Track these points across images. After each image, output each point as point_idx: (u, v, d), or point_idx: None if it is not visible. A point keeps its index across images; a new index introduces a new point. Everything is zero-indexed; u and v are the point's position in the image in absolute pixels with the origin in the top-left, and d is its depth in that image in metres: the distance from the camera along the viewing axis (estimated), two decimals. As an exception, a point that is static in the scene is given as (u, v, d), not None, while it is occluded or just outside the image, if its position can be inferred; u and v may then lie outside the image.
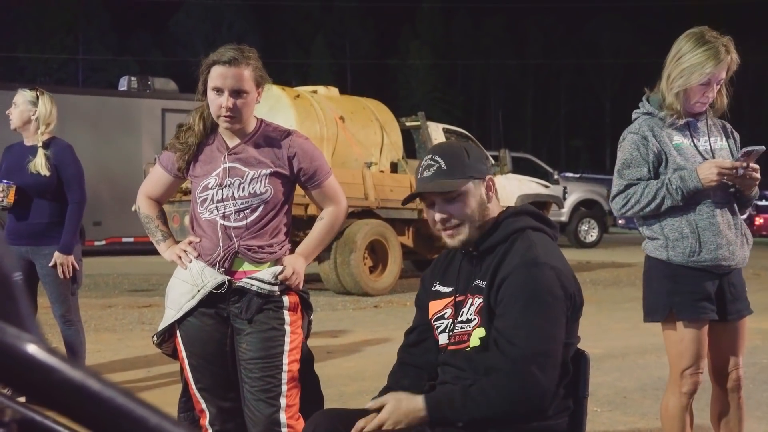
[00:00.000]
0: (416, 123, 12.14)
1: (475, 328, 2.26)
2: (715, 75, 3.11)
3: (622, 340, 7.15)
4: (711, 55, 3.08)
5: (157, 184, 3.08)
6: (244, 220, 2.86)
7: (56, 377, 0.58)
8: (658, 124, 3.19)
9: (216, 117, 2.85)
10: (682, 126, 3.20)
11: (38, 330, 0.60)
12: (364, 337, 7.32)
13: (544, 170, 18.67)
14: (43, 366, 0.58)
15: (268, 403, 2.81)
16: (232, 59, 2.80)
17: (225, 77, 2.79)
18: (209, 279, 2.86)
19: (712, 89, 3.15)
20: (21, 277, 0.76)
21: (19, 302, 0.61)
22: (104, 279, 12.02)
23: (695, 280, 3.13)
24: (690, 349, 3.15)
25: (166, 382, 5.40)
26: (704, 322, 3.16)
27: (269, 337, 2.85)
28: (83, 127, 14.72)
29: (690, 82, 3.11)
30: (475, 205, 2.31)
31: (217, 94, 2.81)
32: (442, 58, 56.58)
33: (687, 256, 3.12)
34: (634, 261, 15.40)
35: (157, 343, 3.03)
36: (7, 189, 4.60)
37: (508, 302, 2.18)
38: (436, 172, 2.30)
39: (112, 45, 54.52)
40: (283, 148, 2.91)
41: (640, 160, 3.18)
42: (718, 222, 3.13)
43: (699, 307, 3.13)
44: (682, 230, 3.14)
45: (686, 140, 3.20)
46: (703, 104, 3.19)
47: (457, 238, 2.31)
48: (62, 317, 4.79)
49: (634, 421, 4.60)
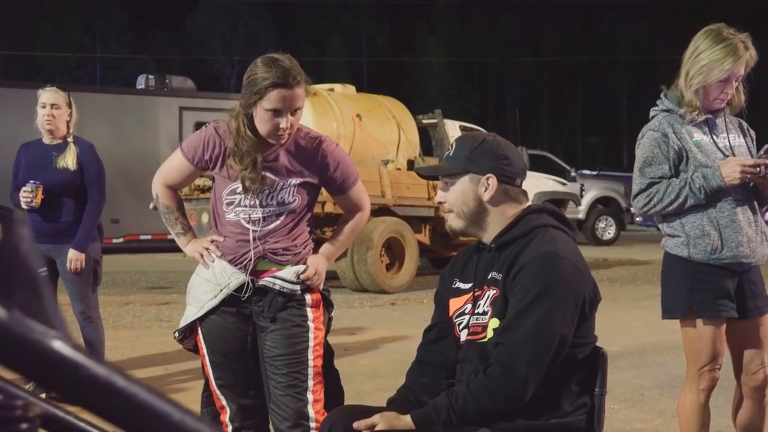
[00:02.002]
0: (433, 120, 12.14)
1: (490, 318, 2.26)
2: (734, 71, 3.10)
3: (639, 337, 7.13)
4: (730, 52, 3.08)
5: (178, 174, 3.00)
6: (270, 224, 2.87)
7: (82, 373, 0.59)
8: (678, 121, 3.18)
9: (268, 135, 2.77)
10: (701, 123, 3.19)
11: (64, 326, 0.61)
12: (381, 335, 7.33)
13: (561, 167, 18.61)
14: (69, 362, 0.59)
15: (296, 398, 2.83)
16: (293, 82, 2.71)
17: (285, 100, 2.71)
18: (232, 279, 2.87)
19: (731, 86, 3.14)
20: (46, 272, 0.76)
21: (45, 299, 0.62)
22: (122, 276, 12.09)
23: (716, 277, 3.13)
24: (708, 346, 3.15)
25: (184, 379, 5.43)
26: (723, 320, 3.16)
27: (293, 334, 2.86)
28: (101, 125, 14.80)
29: (709, 78, 3.10)
30: (464, 197, 2.34)
31: (273, 114, 2.72)
32: (458, 56, 56.47)
33: (708, 254, 3.12)
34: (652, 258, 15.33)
35: (179, 339, 3.05)
36: (36, 189, 4.58)
37: (521, 291, 2.18)
38: (445, 157, 2.41)
39: (129, 43, 54.78)
40: (314, 157, 2.90)
41: (661, 158, 3.18)
42: (739, 219, 3.13)
43: (719, 305, 3.13)
44: (703, 228, 3.13)
45: (706, 137, 3.19)
46: (722, 101, 3.18)
47: (448, 223, 2.41)
48: (82, 314, 4.82)
49: (651, 419, 4.59)
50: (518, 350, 2.14)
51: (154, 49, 53.54)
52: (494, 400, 2.14)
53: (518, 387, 2.13)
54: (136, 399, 0.61)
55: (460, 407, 2.14)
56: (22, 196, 4.59)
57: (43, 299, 0.61)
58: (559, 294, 2.17)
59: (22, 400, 0.70)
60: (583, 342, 2.27)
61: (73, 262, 4.66)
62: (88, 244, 4.74)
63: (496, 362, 2.16)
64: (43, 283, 0.62)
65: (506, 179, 2.35)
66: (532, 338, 2.14)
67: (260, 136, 2.81)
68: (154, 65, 46.60)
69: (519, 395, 2.14)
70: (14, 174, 4.82)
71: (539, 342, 2.14)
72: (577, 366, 2.28)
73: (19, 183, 4.72)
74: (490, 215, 2.35)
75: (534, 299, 2.16)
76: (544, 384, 2.19)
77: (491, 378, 2.15)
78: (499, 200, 2.34)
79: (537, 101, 61.17)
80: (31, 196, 4.58)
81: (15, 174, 4.81)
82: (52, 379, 0.59)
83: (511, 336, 2.16)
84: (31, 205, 4.59)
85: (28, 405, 0.70)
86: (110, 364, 0.61)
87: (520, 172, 2.39)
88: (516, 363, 2.13)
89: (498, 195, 2.33)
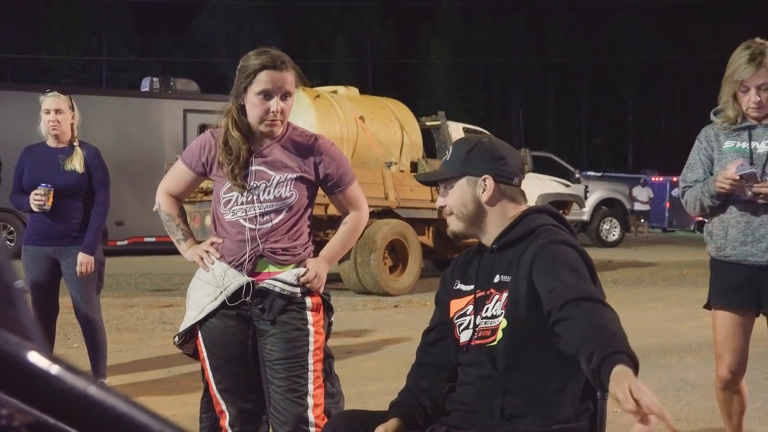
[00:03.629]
0: (436, 122, 12.14)
1: (501, 323, 2.25)
2: (748, 81, 3.27)
3: (643, 340, 7.11)
4: (744, 63, 3.27)
5: (179, 182, 3.05)
6: (268, 222, 2.86)
7: (58, 386, 0.58)
8: (714, 129, 3.46)
9: (259, 121, 2.80)
10: (740, 131, 3.39)
11: (40, 338, 0.60)
12: (384, 337, 7.32)
13: (565, 169, 18.59)
14: (45, 374, 0.58)
15: (296, 402, 2.82)
16: (281, 63, 2.77)
17: (275, 81, 2.76)
18: (232, 280, 2.87)
19: (756, 95, 3.28)
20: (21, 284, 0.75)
21: (21, 310, 0.61)
22: (126, 279, 12.10)
23: (727, 273, 3.42)
24: (721, 336, 3.45)
25: (187, 382, 5.43)
26: (739, 313, 3.42)
27: (293, 338, 2.85)
28: (106, 128, 14.83)
29: (732, 89, 3.33)
30: (462, 200, 2.34)
31: (264, 98, 2.77)
32: (463, 57, 56.47)
33: (717, 251, 3.44)
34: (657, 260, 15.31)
35: (179, 344, 3.04)
36: (48, 192, 4.58)
37: (548, 271, 2.11)
38: (444, 161, 2.41)
39: (135, 46, 54.93)
40: (309, 154, 2.90)
41: (698, 164, 3.48)
42: (747, 220, 3.33)
43: (728, 298, 3.42)
44: (715, 228, 3.44)
45: (743, 144, 3.37)
46: (755, 109, 3.32)
47: (450, 227, 2.41)
48: (85, 317, 4.83)
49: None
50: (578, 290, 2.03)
51: (160, 52, 53.67)
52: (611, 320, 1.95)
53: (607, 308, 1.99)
54: (114, 411, 0.60)
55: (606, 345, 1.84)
56: (35, 199, 4.57)
57: (18, 310, 0.60)
58: (578, 266, 2.13)
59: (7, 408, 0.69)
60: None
61: (83, 266, 4.67)
62: (97, 247, 4.76)
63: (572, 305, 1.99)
64: (18, 295, 0.61)
65: (503, 179, 2.34)
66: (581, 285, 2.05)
67: (250, 132, 2.85)
68: (159, 68, 46.72)
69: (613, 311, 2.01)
70: (16, 176, 4.80)
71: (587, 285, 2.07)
72: (580, 371, 2.26)
73: (25, 185, 4.71)
74: (489, 216, 2.34)
75: (564, 267, 2.10)
76: (547, 389, 2.18)
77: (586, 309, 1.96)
78: (497, 200, 2.34)
79: (542, 102, 61.13)
80: (43, 199, 4.57)
81: (18, 177, 4.79)
82: (28, 392, 0.58)
83: (564, 289, 2.04)
84: (43, 208, 4.59)
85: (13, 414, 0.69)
86: (88, 375, 0.60)
87: (516, 171, 2.38)
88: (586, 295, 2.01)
89: (496, 195, 2.33)
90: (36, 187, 4.60)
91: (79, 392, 0.59)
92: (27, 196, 4.67)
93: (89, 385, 0.59)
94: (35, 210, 4.61)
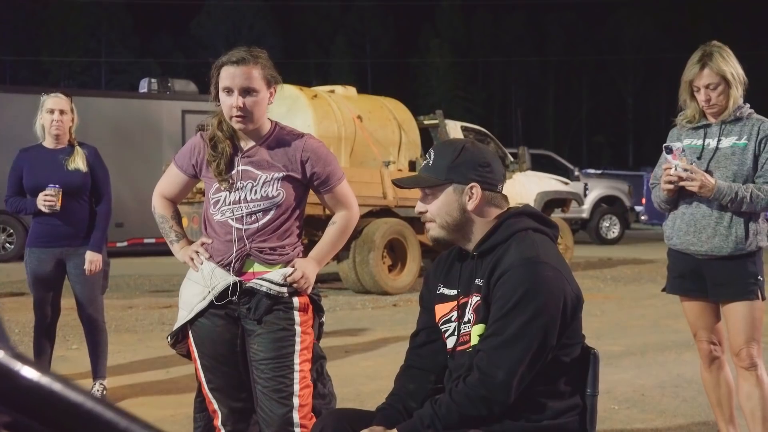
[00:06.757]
0: (434, 121, 12.13)
1: (473, 325, 2.25)
2: (696, 81, 3.50)
3: (641, 337, 7.11)
4: (691, 64, 3.52)
5: (172, 184, 3.09)
6: (256, 222, 2.87)
7: (23, 383, 0.59)
8: (677, 129, 3.71)
9: (228, 118, 2.85)
10: (698, 129, 3.60)
11: (5, 336, 0.61)
12: (383, 336, 7.32)
13: (565, 167, 18.58)
14: (9, 372, 0.59)
15: (281, 403, 2.82)
16: (240, 59, 2.81)
17: (234, 76, 2.80)
18: (219, 280, 2.88)
19: (706, 94, 3.49)
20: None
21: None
22: (125, 280, 12.10)
23: (676, 261, 3.67)
24: (695, 318, 3.68)
25: (186, 383, 5.43)
26: (692, 298, 3.65)
27: (280, 338, 2.85)
28: (105, 129, 14.83)
29: (687, 90, 3.56)
30: (447, 208, 2.30)
31: (227, 94, 2.81)
32: (463, 56, 56.45)
33: (667, 240, 3.69)
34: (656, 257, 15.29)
35: (172, 344, 3.06)
36: (58, 192, 4.55)
37: (502, 298, 2.16)
38: (424, 167, 2.36)
39: (134, 48, 54.96)
40: (296, 152, 2.91)
41: (663, 162, 3.63)
42: (694, 213, 3.52)
43: (677, 284, 3.69)
44: (668, 218, 3.68)
45: (698, 141, 3.59)
46: (707, 108, 3.54)
47: (430, 233, 2.37)
48: (89, 317, 4.83)
49: (652, 419, 4.57)
50: (496, 357, 2.13)
51: (159, 53, 53.68)
52: (475, 407, 2.14)
53: (497, 393, 2.13)
54: (80, 408, 0.61)
55: (444, 414, 2.14)
56: (45, 200, 4.52)
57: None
58: (540, 300, 2.14)
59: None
60: (569, 343, 2.25)
61: (92, 264, 4.68)
62: (104, 245, 4.77)
63: (475, 368, 2.16)
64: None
65: (489, 186, 2.32)
66: (511, 345, 2.13)
67: (235, 130, 2.89)
68: (158, 69, 46.71)
69: (499, 401, 2.13)
70: (13, 179, 4.74)
71: (518, 348, 2.12)
72: (566, 367, 2.26)
73: (28, 188, 4.67)
74: (475, 224, 2.32)
75: (515, 305, 2.14)
76: (533, 386, 2.18)
77: (470, 385, 2.15)
78: (483, 208, 2.32)
79: (542, 101, 61.11)
80: (54, 199, 4.53)
81: (15, 179, 4.74)
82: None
83: (491, 343, 2.16)
84: (54, 209, 4.55)
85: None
86: (53, 373, 0.61)
87: (501, 177, 2.36)
88: (493, 370, 2.12)
89: (482, 203, 2.31)
90: (41, 188, 4.56)
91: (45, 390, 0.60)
92: (27, 198, 4.66)
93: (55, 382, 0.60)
94: (46, 211, 4.55)
